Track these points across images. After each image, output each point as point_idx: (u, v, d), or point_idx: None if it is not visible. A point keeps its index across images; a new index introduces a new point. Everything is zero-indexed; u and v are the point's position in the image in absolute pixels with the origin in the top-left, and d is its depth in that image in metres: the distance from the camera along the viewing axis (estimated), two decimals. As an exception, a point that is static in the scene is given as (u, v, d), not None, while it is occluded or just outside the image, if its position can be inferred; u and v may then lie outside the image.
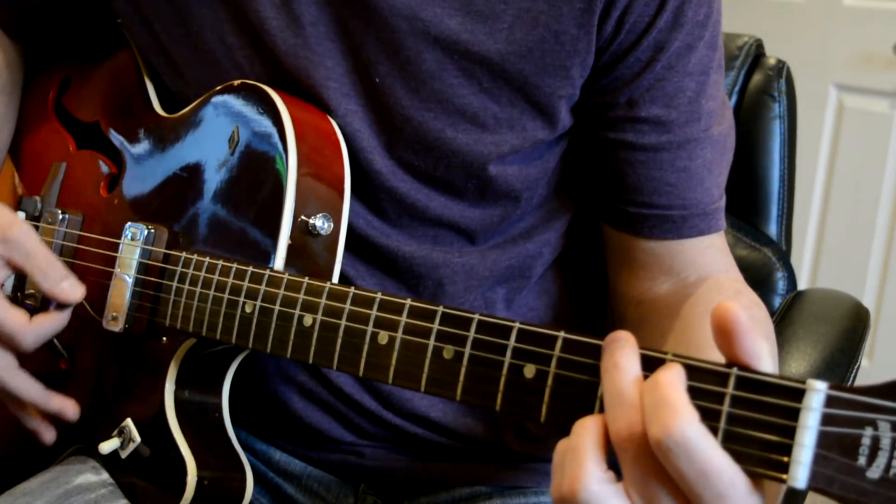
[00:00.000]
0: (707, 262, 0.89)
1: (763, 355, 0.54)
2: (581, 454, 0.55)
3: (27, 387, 0.86)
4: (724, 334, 0.54)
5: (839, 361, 1.10)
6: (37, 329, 0.83)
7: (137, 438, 0.85)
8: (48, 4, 1.00)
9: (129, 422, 0.86)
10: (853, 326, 1.15)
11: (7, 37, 1.02)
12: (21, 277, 0.91)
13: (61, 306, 0.85)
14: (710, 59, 0.85)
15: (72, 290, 0.84)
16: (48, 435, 0.90)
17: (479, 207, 0.88)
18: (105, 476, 0.88)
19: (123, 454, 0.86)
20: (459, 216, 0.88)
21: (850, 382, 1.09)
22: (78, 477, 0.87)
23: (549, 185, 0.92)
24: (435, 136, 0.84)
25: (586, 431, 0.56)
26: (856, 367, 1.11)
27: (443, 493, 0.94)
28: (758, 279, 1.22)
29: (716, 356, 0.56)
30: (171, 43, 0.89)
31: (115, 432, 0.86)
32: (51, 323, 0.84)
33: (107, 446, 0.86)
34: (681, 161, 0.86)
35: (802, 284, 1.73)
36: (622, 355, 0.56)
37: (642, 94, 0.84)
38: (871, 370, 2.59)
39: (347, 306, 0.71)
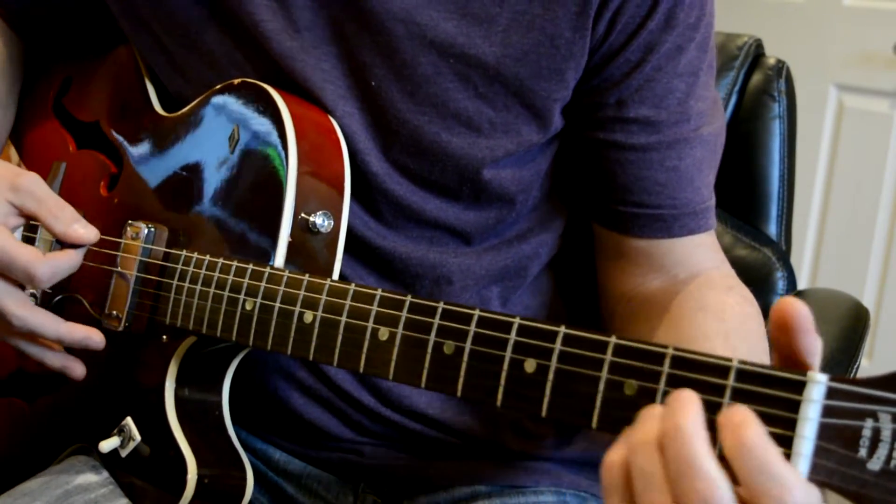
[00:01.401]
0: (698, 260, 0.90)
1: (819, 354, 0.54)
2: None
3: (49, 321, 0.84)
4: (785, 329, 0.54)
5: (839, 361, 1.10)
6: (51, 262, 0.81)
7: (137, 437, 0.85)
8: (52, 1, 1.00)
9: (129, 420, 0.86)
10: (853, 326, 1.15)
11: (11, 30, 1.02)
12: (30, 237, 0.91)
13: (74, 248, 0.84)
14: (700, 61, 0.86)
15: (85, 231, 0.84)
16: (78, 369, 0.88)
17: (475, 210, 0.89)
18: (105, 475, 0.88)
19: (123, 453, 0.86)
20: (455, 218, 0.88)
21: (850, 381, 1.09)
22: (78, 476, 0.87)
23: (543, 187, 0.93)
24: (430, 140, 0.84)
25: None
26: (855, 366, 1.11)
27: (442, 493, 0.94)
28: (757, 279, 1.22)
29: (706, 350, 0.56)
30: (170, 43, 0.89)
31: (115, 431, 0.86)
32: (66, 258, 0.82)
33: (107, 445, 0.86)
34: (670, 161, 0.86)
35: (802, 284, 1.73)
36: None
37: (631, 95, 0.84)
38: (870, 370, 2.58)
39: (348, 303, 0.71)
